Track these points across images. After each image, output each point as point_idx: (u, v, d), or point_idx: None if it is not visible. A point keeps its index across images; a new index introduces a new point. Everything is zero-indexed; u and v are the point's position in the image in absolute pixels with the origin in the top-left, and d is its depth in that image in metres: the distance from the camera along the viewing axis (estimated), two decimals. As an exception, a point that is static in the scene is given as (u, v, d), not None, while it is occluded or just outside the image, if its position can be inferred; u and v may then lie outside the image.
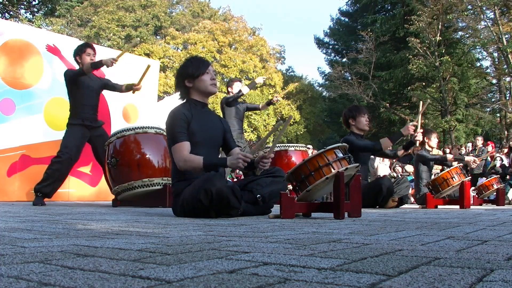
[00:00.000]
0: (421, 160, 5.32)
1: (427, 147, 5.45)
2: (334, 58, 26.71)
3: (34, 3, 21.98)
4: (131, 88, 4.63)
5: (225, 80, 25.57)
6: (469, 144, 11.23)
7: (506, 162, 9.72)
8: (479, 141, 10.69)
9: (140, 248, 1.12)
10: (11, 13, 20.58)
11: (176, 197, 2.64)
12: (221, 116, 4.95)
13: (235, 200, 2.41)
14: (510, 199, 8.43)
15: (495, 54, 21.42)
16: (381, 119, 21.87)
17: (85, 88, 4.44)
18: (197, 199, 2.38)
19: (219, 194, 2.33)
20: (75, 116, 4.44)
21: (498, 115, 22.30)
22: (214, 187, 2.32)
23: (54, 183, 4.35)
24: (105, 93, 5.55)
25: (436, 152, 5.69)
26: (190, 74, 2.70)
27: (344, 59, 23.86)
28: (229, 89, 5.70)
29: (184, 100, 2.77)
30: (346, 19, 26.96)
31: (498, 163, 9.71)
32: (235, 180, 9.04)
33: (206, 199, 2.35)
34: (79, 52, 4.49)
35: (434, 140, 5.47)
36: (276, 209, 2.72)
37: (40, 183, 4.33)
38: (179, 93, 2.80)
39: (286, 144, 6.10)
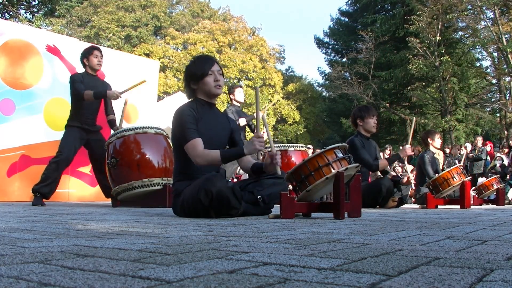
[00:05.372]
0: (422, 163, 5.32)
1: (431, 148, 5.44)
2: (334, 58, 26.69)
3: (34, 3, 21.96)
4: (112, 124, 4.69)
5: (225, 80, 25.58)
6: (468, 144, 11.23)
7: (506, 161, 9.72)
8: (479, 141, 10.70)
9: (140, 248, 1.12)
10: (11, 13, 20.57)
11: (177, 197, 2.64)
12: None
13: (235, 200, 2.41)
14: (510, 199, 8.43)
15: (495, 54, 21.43)
16: (381, 119, 21.86)
17: None
18: (197, 199, 2.38)
19: (220, 194, 2.33)
20: (74, 119, 4.47)
21: (498, 115, 22.29)
22: (214, 187, 2.31)
23: (52, 183, 4.36)
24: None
25: (437, 152, 5.67)
26: (193, 76, 2.70)
27: (344, 59, 23.84)
28: (231, 96, 5.58)
29: (192, 99, 2.77)
30: (346, 19, 26.94)
31: (498, 163, 9.71)
32: (235, 180, 9.03)
33: (206, 199, 2.35)
34: (86, 54, 4.50)
35: (437, 141, 5.46)
36: (276, 209, 2.72)
37: (38, 183, 4.34)
38: (186, 93, 2.82)
39: (286, 144, 6.10)
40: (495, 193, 6.15)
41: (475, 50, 21.05)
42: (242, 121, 5.33)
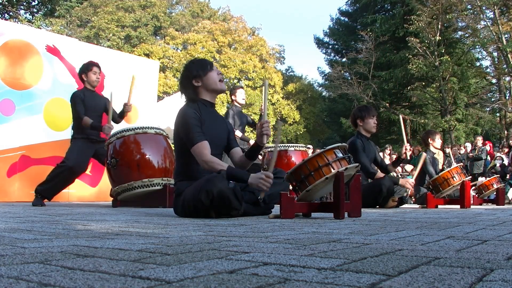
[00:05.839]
0: (423, 163, 5.31)
1: (431, 148, 5.44)
2: (334, 58, 26.70)
3: (33, 3, 21.98)
4: (123, 113, 4.67)
5: (225, 80, 25.59)
6: (468, 144, 11.24)
7: (506, 161, 9.72)
8: (479, 141, 10.71)
9: (140, 248, 1.12)
10: (11, 13, 20.58)
11: (178, 196, 2.64)
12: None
13: (236, 201, 2.41)
14: (510, 198, 8.43)
15: (495, 54, 21.44)
16: (381, 119, 21.86)
17: (90, 110, 4.48)
18: (198, 199, 2.38)
19: (220, 195, 2.33)
20: (79, 132, 4.49)
21: (497, 114, 22.31)
22: (215, 188, 2.32)
23: (55, 186, 4.39)
24: (105, 93, 5.55)
25: (437, 152, 5.67)
26: (197, 73, 2.71)
27: (344, 59, 23.85)
28: (233, 97, 5.63)
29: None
30: (346, 19, 26.95)
31: (498, 163, 9.72)
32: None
33: (207, 200, 2.35)
34: (85, 70, 4.52)
35: (438, 141, 5.46)
36: (276, 209, 2.72)
37: (41, 185, 4.38)
38: (186, 96, 2.77)
39: (286, 144, 6.09)
40: (495, 193, 6.15)
41: (475, 50, 21.07)
42: (238, 134, 5.36)
